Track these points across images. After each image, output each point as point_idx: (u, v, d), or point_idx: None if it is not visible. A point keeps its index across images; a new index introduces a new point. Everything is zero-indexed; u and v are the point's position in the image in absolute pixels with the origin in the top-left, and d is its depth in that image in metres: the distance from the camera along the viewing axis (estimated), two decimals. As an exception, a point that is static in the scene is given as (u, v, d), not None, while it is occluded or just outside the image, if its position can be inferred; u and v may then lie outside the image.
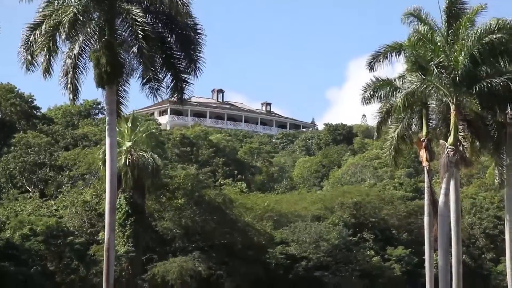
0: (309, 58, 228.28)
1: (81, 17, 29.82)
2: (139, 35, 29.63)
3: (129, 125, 58.10)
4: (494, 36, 32.95)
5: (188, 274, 61.07)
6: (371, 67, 37.80)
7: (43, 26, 30.23)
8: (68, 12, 29.61)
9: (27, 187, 71.56)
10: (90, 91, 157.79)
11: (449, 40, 34.50)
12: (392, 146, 40.85)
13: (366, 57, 39.50)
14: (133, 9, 29.92)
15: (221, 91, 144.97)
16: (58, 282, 59.38)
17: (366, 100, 39.14)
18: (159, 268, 61.31)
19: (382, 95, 39.07)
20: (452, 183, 35.67)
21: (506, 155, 37.74)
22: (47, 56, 30.39)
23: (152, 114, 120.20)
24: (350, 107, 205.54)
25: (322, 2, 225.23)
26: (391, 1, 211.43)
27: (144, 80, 31.54)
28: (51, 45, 30.18)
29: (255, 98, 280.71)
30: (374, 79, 38.50)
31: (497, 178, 39.34)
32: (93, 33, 31.30)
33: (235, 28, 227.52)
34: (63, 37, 29.88)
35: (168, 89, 31.79)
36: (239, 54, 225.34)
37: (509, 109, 37.67)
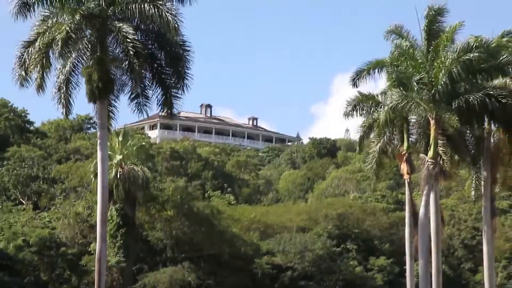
0: (295, 74, 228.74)
1: (73, 35, 29.67)
2: (130, 52, 29.53)
3: (120, 139, 57.96)
4: (472, 55, 33.07)
5: (178, 284, 60.84)
6: (354, 83, 37.83)
7: (37, 43, 30.11)
8: (61, 30, 29.47)
9: (21, 199, 71.15)
10: (83, 106, 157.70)
11: (429, 57, 34.61)
12: (374, 160, 40.84)
13: (350, 73, 39.52)
14: (124, 27, 29.81)
15: (209, 106, 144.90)
16: (51, 292, 59.02)
17: (349, 114, 39.17)
18: (149, 279, 60.99)
19: (364, 110, 39.14)
20: (432, 195, 35.68)
21: (484, 169, 37.84)
22: (41, 72, 30.24)
23: (143, 128, 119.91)
24: (335, 122, 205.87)
25: (306, 20, 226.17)
26: (374, 19, 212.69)
27: (133, 96, 31.44)
28: (44, 61, 30.05)
29: (242, 113, 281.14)
30: (357, 94, 38.57)
31: (473, 191, 39.39)
32: (85, 49, 31.18)
33: (222, 44, 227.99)
34: (56, 54, 29.76)
35: (158, 104, 31.74)
36: (226, 70, 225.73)
37: (486, 124, 37.83)
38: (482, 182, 38.25)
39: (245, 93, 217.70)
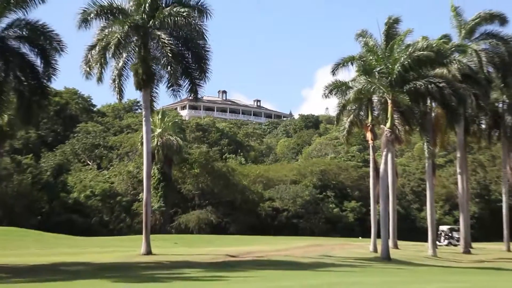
0: (290, 66, 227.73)
1: (123, 41, 29.68)
2: (169, 54, 29.44)
3: (160, 116, 58.10)
4: (422, 53, 32.94)
5: (204, 222, 61.35)
6: (333, 72, 37.71)
7: (97, 47, 30.09)
8: (114, 37, 29.50)
9: (88, 162, 71.56)
10: (131, 92, 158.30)
11: (386, 53, 34.52)
12: (345, 130, 40.90)
13: (330, 65, 39.44)
14: (163, 35, 29.74)
15: (224, 91, 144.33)
16: (111, 229, 59.70)
17: (327, 96, 39.07)
18: (183, 219, 61.56)
19: (339, 93, 39.06)
20: (389, 155, 35.79)
21: (427, 134, 37.97)
22: (100, 68, 30.22)
23: (176, 108, 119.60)
24: (318, 102, 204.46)
25: (296, 24, 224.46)
26: (344, 23, 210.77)
27: (169, 85, 31.38)
28: (102, 60, 30.04)
29: (249, 95, 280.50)
30: (333, 81, 38.50)
31: (426, 151, 39.32)
32: (132, 51, 31.07)
33: (236, 42, 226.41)
34: (110, 55, 29.79)
35: (187, 91, 31.59)
36: (238, 64, 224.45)
37: (428, 102, 37.93)
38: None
39: (251, 80, 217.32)
